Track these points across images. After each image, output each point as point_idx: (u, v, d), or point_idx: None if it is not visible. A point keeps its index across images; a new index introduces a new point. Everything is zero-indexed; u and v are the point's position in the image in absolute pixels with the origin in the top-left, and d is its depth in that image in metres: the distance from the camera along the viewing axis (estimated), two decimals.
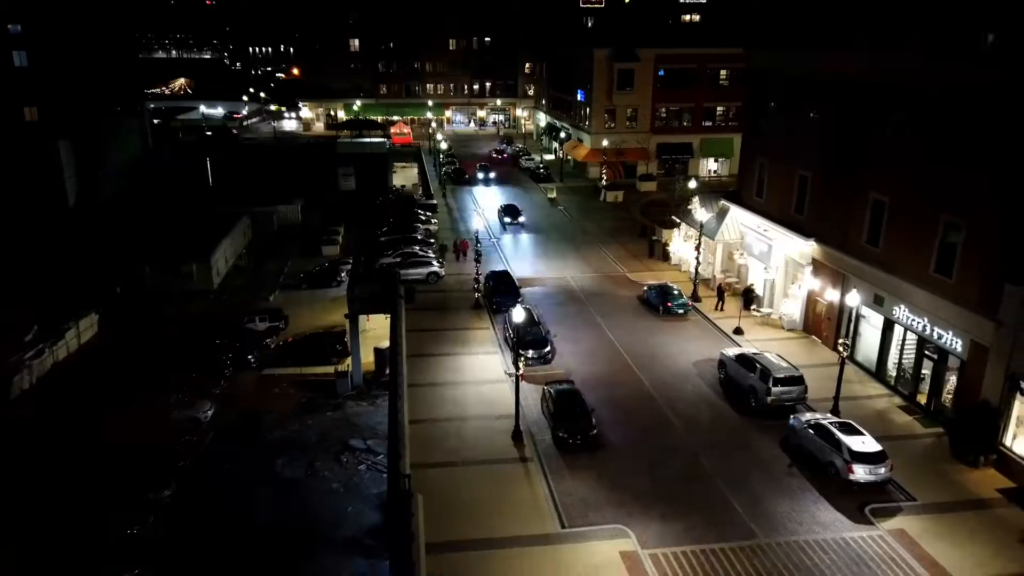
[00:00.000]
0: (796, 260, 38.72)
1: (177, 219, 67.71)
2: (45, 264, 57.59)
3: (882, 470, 24.77)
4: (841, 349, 29.77)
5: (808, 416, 28.03)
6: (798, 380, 30.20)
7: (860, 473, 24.64)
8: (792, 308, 39.24)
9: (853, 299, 30.57)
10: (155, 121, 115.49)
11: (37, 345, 45.00)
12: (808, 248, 37.30)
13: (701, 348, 37.04)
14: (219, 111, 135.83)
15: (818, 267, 36.99)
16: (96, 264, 57.20)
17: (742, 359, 32.23)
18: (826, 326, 36.89)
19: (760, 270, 42.19)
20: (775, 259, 40.18)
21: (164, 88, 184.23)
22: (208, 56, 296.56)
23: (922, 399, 30.79)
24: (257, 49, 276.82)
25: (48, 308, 49.55)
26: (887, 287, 31.72)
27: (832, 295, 34.88)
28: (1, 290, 52.93)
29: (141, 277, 55.89)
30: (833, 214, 35.71)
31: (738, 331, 38.51)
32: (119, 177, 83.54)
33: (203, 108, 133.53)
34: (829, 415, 28.38)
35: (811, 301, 38.15)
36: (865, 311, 33.67)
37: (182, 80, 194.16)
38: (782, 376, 30.06)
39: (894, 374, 32.52)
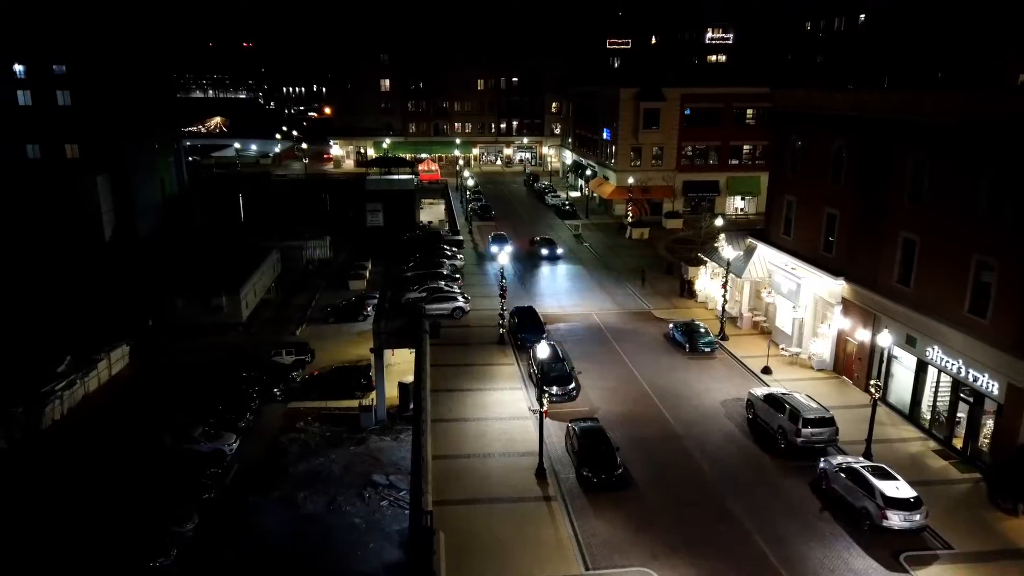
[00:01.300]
0: (825, 299, 38.21)
1: (209, 253, 69.06)
2: (79, 296, 58.93)
3: (917, 517, 23.98)
4: (873, 390, 29.13)
5: (839, 459, 27.33)
6: (828, 422, 29.55)
7: (895, 520, 23.88)
8: (822, 348, 38.60)
9: (884, 339, 30.01)
10: (191, 158, 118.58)
11: (69, 376, 45.82)
12: (837, 287, 36.82)
13: (728, 387, 36.51)
14: (253, 149, 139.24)
15: (848, 306, 36.45)
16: (129, 296, 58.38)
17: (771, 399, 31.67)
18: (857, 367, 36.18)
19: (788, 309, 41.68)
20: (804, 298, 39.70)
21: (201, 126, 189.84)
22: (243, 96, 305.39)
23: (958, 443, 29.90)
24: (291, 89, 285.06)
25: (81, 339, 50.56)
26: (919, 327, 31.12)
27: (863, 335, 34.28)
28: (36, 321, 54.22)
29: (173, 309, 56.89)
30: (863, 253, 35.30)
31: (766, 370, 37.93)
32: (155, 212, 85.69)
33: (237, 145, 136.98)
34: (861, 458, 27.66)
35: (841, 341, 37.52)
36: (897, 352, 33.00)
37: (218, 119, 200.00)
38: (812, 417, 29.44)
39: (928, 417, 31.68)
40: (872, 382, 30.19)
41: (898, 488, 24.44)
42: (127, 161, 79.58)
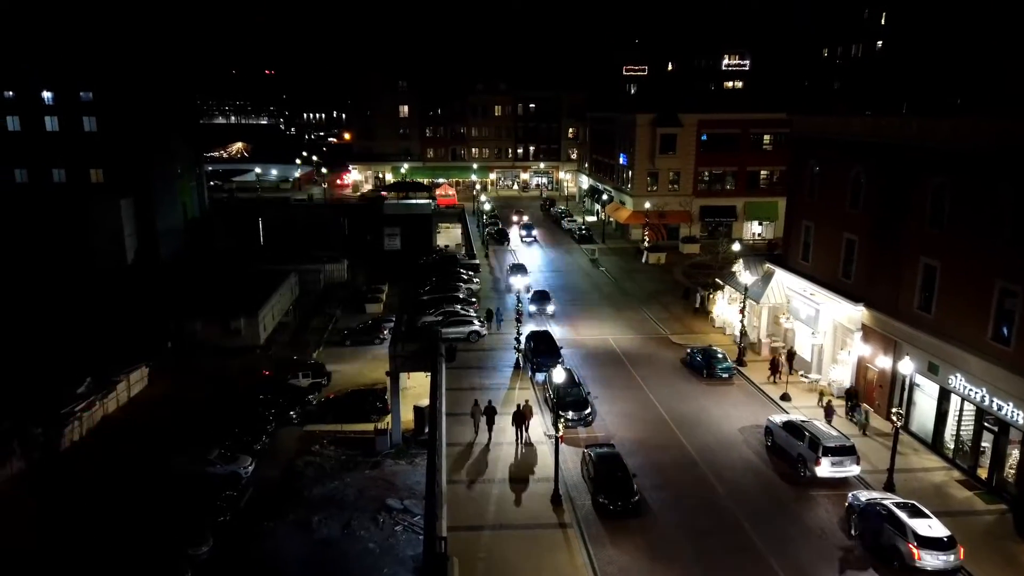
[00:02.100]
0: (845, 325, 37.81)
1: (228, 276, 69.76)
2: (101, 318, 59.67)
3: (951, 557, 23.18)
4: (895, 419, 28.64)
5: (868, 494, 26.61)
6: (849, 450, 29.05)
7: (928, 560, 23.10)
8: (842, 374, 38.10)
9: (906, 367, 29.57)
10: (212, 182, 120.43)
11: (89, 397, 46.24)
12: (857, 313, 36.43)
13: (747, 414, 36.08)
14: (273, 174, 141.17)
15: (868, 333, 36.02)
16: (149, 318, 59.02)
17: (790, 427, 31.25)
18: (878, 394, 35.64)
19: (807, 335, 41.26)
20: (823, 324, 39.30)
21: (223, 151, 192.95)
22: (265, 121, 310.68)
23: (983, 473, 29.25)
24: (311, 115, 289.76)
25: (102, 361, 51.10)
26: (941, 355, 30.65)
27: (884, 362, 33.81)
28: (58, 342, 54.91)
29: (192, 332, 57.39)
30: (882, 279, 34.96)
31: (785, 397, 37.48)
32: (176, 235, 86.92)
33: (257, 170, 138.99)
34: (890, 494, 26.98)
35: (861, 368, 37.02)
36: (919, 379, 32.50)
37: (239, 144, 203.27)
38: (832, 446, 28.97)
39: (952, 446, 31.07)
40: (894, 410, 29.68)
41: (931, 527, 23.74)
42: (150, 185, 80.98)
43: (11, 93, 78.09)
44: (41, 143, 78.72)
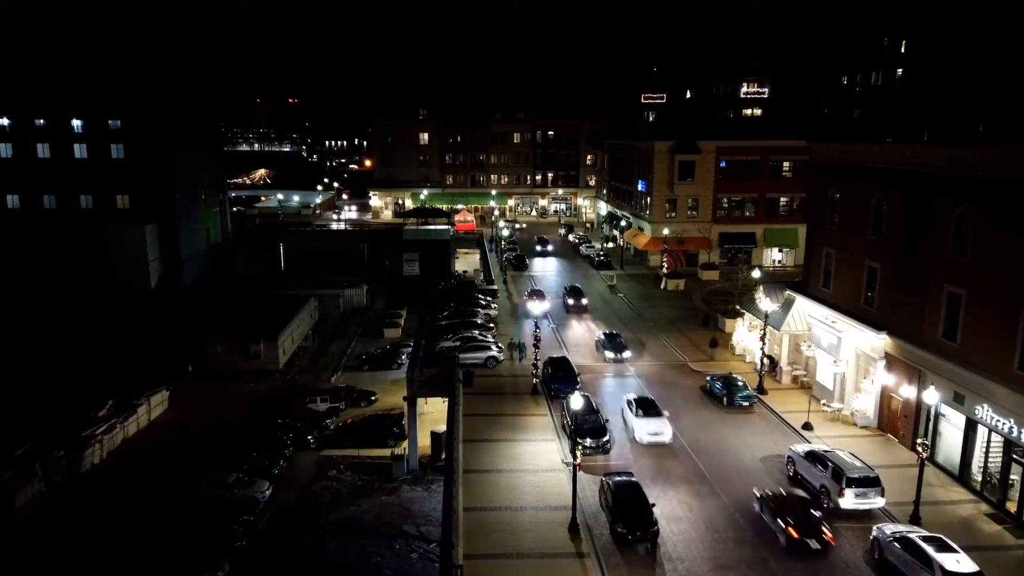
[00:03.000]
0: (867, 353, 37.27)
1: (249, 301, 70.44)
2: (124, 341, 60.42)
3: None
4: (920, 450, 28.06)
5: (893, 528, 25.99)
6: (874, 481, 28.46)
7: None
8: (865, 404, 37.48)
9: (931, 396, 29.04)
10: (235, 209, 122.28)
11: (110, 420, 46.64)
12: (880, 341, 35.93)
13: (768, 443, 35.54)
14: (295, 200, 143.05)
15: (891, 361, 35.47)
16: (171, 342, 59.64)
17: (812, 456, 30.72)
18: (903, 424, 34.98)
19: (829, 363, 40.71)
20: (845, 352, 38.77)
21: (246, 178, 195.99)
22: (287, 149, 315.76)
23: (1012, 507, 28.48)
24: (333, 143, 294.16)
25: (124, 384, 51.64)
26: (967, 384, 30.08)
27: (908, 391, 33.24)
28: (81, 365, 55.62)
29: (212, 355, 57.86)
30: (905, 306, 34.51)
31: (807, 426, 36.90)
32: (199, 260, 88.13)
33: (280, 197, 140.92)
34: (916, 527, 26.35)
35: (885, 397, 36.41)
36: (944, 409, 31.88)
37: (262, 171, 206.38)
38: (856, 476, 28.41)
39: (979, 478, 30.33)
40: (919, 441, 29.10)
41: (959, 562, 23.09)
42: (175, 211, 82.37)
43: (41, 121, 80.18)
44: (70, 170, 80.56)
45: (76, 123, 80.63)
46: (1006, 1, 66.17)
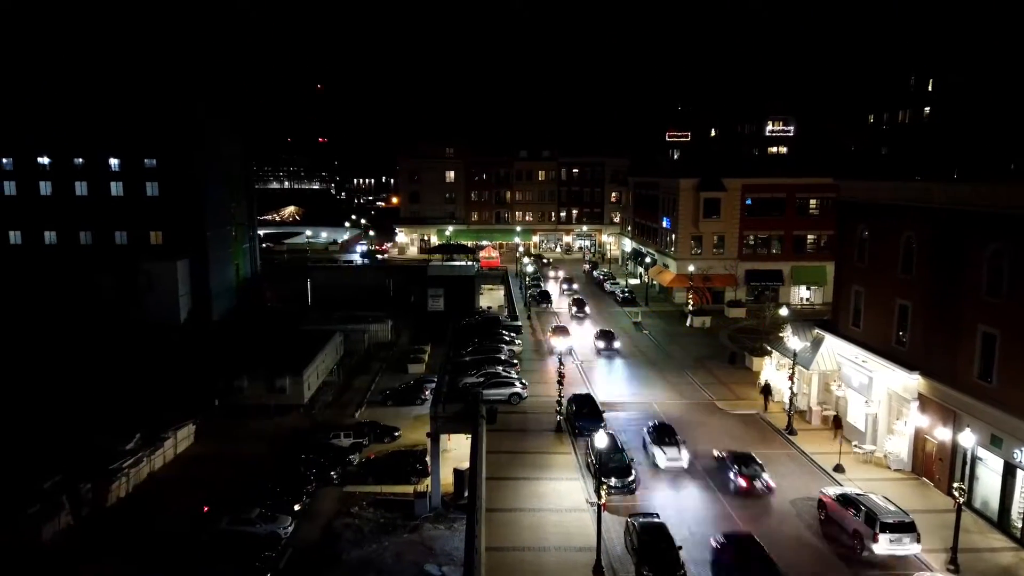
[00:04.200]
0: (900, 394, 36.42)
1: (276, 335, 71.19)
2: (153, 375, 61.24)
3: None
4: (956, 494, 27.16)
5: None
6: (909, 527, 27.55)
7: None
8: (898, 446, 36.50)
9: (967, 439, 28.22)
10: (264, 245, 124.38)
11: (137, 453, 47.05)
12: (912, 382, 35.11)
13: (798, 484, 34.68)
14: (323, 236, 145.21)
15: (925, 402, 34.61)
16: (199, 376, 60.30)
17: (844, 500, 29.88)
18: (938, 468, 33.96)
19: (860, 403, 39.83)
20: (876, 392, 37.93)
21: (276, 215, 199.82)
22: (316, 186, 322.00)
23: None
24: (361, 180, 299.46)
25: (151, 417, 52.19)
26: (1005, 427, 29.18)
27: (943, 434, 32.34)
28: (109, 399, 56.39)
29: (239, 389, 58.34)
30: (938, 346, 33.77)
31: (838, 468, 35.98)
32: (228, 295, 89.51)
33: (308, 233, 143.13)
34: None
35: (919, 439, 35.43)
36: (981, 452, 30.90)
37: (292, 208, 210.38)
38: (891, 521, 27.53)
39: (1020, 524, 29.21)
40: (955, 485, 28.18)
41: None
42: (205, 247, 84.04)
43: (80, 160, 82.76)
44: (106, 207, 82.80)
45: (113, 161, 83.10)
46: None
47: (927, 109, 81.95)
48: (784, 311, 55.18)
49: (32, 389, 59.33)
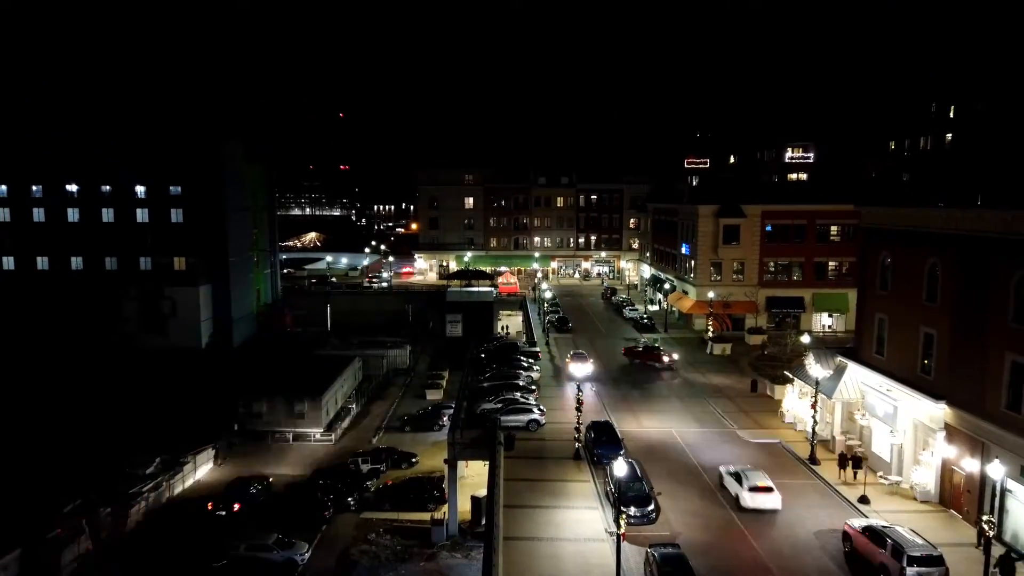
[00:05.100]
0: (926, 424, 35.70)
1: (295, 360, 71.52)
2: (174, 399, 61.70)
3: None
4: (986, 527, 26.46)
5: None
6: (937, 560, 26.85)
7: None
8: (925, 477, 35.69)
9: (996, 471, 27.52)
10: (285, 270, 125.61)
11: (156, 478, 47.24)
12: (938, 411, 34.43)
13: (822, 516, 33.99)
14: (343, 262, 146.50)
15: (952, 433, 33.89)
16: (219, 400, 60.64)
17: (870, 532, 29.22)
18: (966, 500, 33.13)
19: (885, 433, 39.09)
20: (901, 422, 37.24)
21: (297, 241, 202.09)
22: (337, 213, 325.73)
23: None
24: (381, 207, 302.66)
25: (171, 441, 52.47)
26: None
27: (971, 465, 31.60)
28: (130, 423, 56.84)
29: (258, 415, 58.55)
30: (965, 375, 33.15)
31: (863, 500, 35.23)
32: (249, 320, 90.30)
33: (329, 259, 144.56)
34: None
35: (947, 470, 34.64)
36: (1012, 484, 30.14)
37: (313, 234, 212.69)
38: (918, 555, 26.85)
39: None
40: (984, 518, 27.44)
41: None
42: (228, 273, 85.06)
43: (108, 188, 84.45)
44: (132, 233, 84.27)
45: (139, 188, 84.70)
46: None
47: (949, 135, 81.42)
48: (806, 338, 54.51)
49: (55, 412, 60.01)
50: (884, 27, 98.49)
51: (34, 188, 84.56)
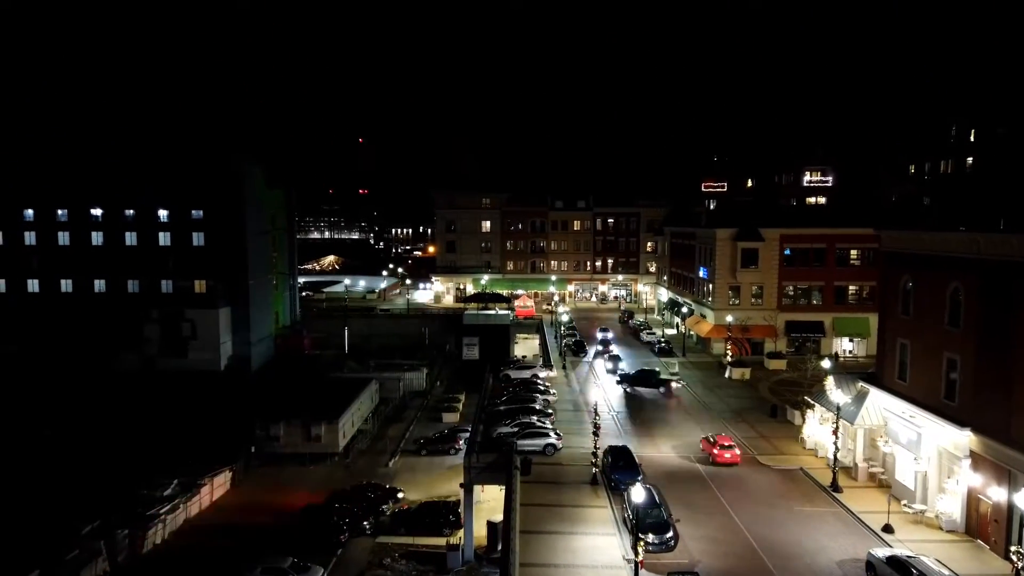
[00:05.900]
0: (951, 451, 35.01)
1: (313, 383, 71.74)
2: (191, 422, 62.05)
3: None
4: (1015, 558, 25.78)
5: None
6: None
7: None
8: (950, 506, 34.91)
9: (1023, 500, 26.87)
10: (304, 293, 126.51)
11: (174, 500, 47.37)
12: (963, 439, 33.77)
13: (845, 545, 33.31)
14: (361, 285, 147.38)
15: (978, 460, 33.19)
16: (236, 422, 60.90)
17: (895, 563, 28.59)
18: (994, 529, 32.34)
19: (909, 460, 38.36)
20: (925, 449, 36.54)
21: (315, 264, 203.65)
22: (356, 236, 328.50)
23: None
24: (398, 230, 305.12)
25: (189, 462, 52.68)
26: None
27: (998, 493, 30.88)
28: (150, 445, 57.19)
29: (275, 437, 58.65)
30: (990, 402, 32.53)
31: (887, 529, 34.50)
32: (267, 343, 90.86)
33: (347, 282, 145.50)
34: None
35: (973, 499, 33.87)
36: None
37: (331, 257, 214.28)
38: None
39: None
40: (1013, 549, 26.76)
41: None
42: (247, 296, 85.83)
43: (131, 212, 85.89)
44: (154, 256, 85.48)
45: (162, 213, 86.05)
46: None
47: (969, 159, 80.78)
48: (826, 363, 53.87)
49: (75, 433, 60.53)
50: (904, 51, 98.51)
51: (60, 212, 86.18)
